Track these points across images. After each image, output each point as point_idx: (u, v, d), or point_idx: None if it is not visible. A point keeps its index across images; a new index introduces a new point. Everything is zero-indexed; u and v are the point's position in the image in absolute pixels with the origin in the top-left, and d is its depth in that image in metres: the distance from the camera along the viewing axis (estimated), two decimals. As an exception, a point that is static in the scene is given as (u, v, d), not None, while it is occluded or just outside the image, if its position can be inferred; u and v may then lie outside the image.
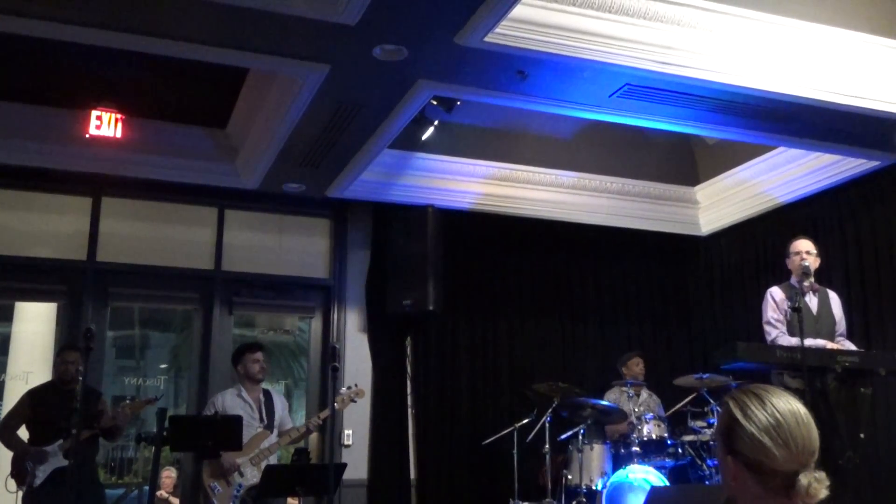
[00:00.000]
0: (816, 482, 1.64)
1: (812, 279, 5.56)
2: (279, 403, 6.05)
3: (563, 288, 8.25)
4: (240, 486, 5.63)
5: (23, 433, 5.79)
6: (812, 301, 5.54)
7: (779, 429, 1.66)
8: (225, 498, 5.59)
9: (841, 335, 5.57)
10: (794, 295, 5.29)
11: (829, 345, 5.29)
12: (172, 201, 7.27)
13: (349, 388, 6.09)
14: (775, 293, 5.57)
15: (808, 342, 5.05)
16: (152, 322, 12.10)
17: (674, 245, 8.54)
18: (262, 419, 5.88)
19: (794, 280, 5.61)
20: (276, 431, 5.93)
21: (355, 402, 6.13)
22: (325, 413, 5.92)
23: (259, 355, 5.98)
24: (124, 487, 10.12)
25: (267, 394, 6.04)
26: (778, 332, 5.45)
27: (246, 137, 6.70)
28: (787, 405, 1.69)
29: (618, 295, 8.43)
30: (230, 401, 5.87)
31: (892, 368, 5.13)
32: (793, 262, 5.61)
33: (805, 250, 5.57)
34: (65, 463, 5.51)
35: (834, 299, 5.67)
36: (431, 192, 7.49)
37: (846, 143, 6.27)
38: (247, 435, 5.65)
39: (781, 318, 5.48)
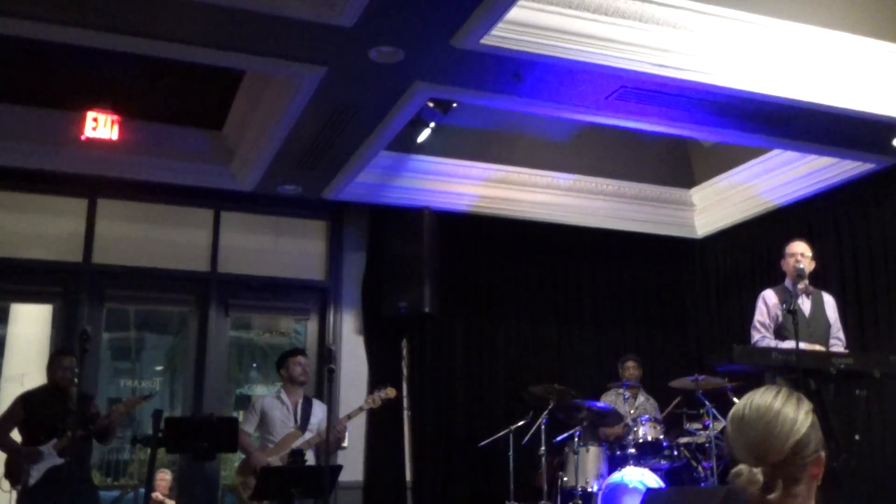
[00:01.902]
0: (744, 476, 1.61)
1: (806, 282, 5.56)
2: (319, 411, 6.18)
3: (560, 290, 8.26)
4: None
5: (14, 437, 5.78)
6: (805, 304, 5.53)
7: (740, 420, 1.67)
8: None
9: (836, 338, 5.58)
10: (788, 298, 5.30)
11: (818, 348, 5.29)
12: (168, 203, 7.26)
13: (379, 389, 6.22)
14: (768, 296, 5.57)
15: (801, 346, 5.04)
16: (148, 324, 12.08)
17: (670, 247, 8.54)
18: (296, 420, 6.08)
19: (788, 282, 5.61)
20: (307, 434, 6.05)
21: (387, 401, 6.22)
22: (355, 413, 6.12)
23: (301, 359, 6.30)
24: (120, 489, 10.11)
25: (307, 400, 6.26)
26: (760, 336, 5.46)
27: (242, 139, 6.70)
28: (762, 400, 1.68)
29: (614, 297, 8.44)
30: (269, 402, 6.20)
31: (888, 370, 5.14)
32: (787, 265, 5.61)
33: (800, 252, 5.57)
34: (60, 461, 5.50)
35: (828, 302, 5.66)
36: (428, 194, 7.49)
37: (842, 145, 6.28)
38: (281, 433, 6.01)
39: (768, 322, 5.49)
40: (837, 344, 5.53)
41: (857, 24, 5.59)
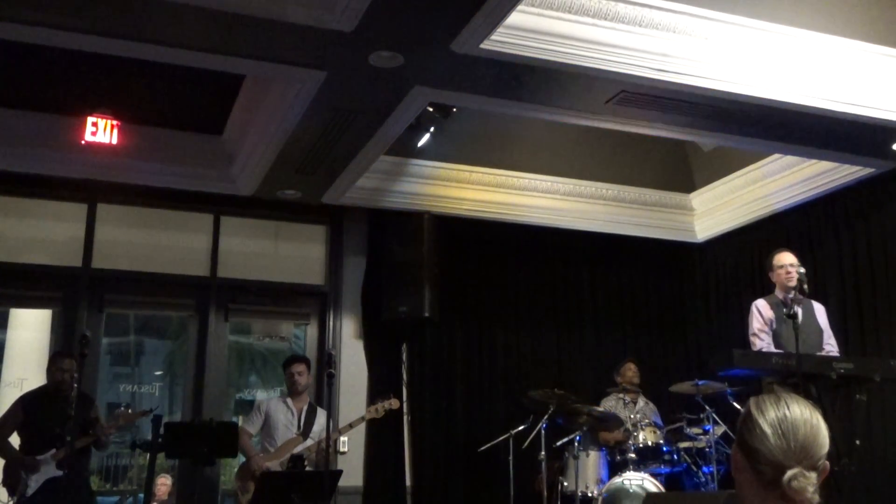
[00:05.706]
0: (803, 478, 1.67)
1: (796, 290, 5.55)
2: (322, 419, 6.20)
3: (559, 295, 8.25)
4: None
5: (14, 441, 5.77)
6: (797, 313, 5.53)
7: (783, 423, 1.71)
8: None
9: (829, 345, 5.58)
10: (781, 307, 5.32)
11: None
12: (168, 208, 7.25)
13: (382, 399, 6.33)
14: (761, 306, 5.58)
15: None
16: (147, 329, 12.11)
17: (669, 252, 8.54)
18: (299, 426, 6.14)
19: (778, 293, 5.61)
20: (308, 442, 6.10)
21: (391, 411, 6.35)
22: (356, 422, 6.20)
23: (297, 367, 6.39)
24: (119, 495, 10.11)
25: (312, 407, 6.34)
26: (764, 344, 5.45)
27: (242, 144, 6.70)
28: (799, 409, 1.74)
29: (613, 302, 8.43)
30: (274, 405, 6.30)
31: (888, 375, 5.14)
32: (778, 276, 5.58)
33: (789, 263, 5.56)
34: (58, 473, 5.47)
35: (819, 310, 5.68)
36: (427, 198, 7.49)
37: (842, 150, 6.28)
38: (283, 438, 6.08)
39: (767, 329, 5.49)
40: (831, 350, 5.54)
41: (857, 29, 5.59)
